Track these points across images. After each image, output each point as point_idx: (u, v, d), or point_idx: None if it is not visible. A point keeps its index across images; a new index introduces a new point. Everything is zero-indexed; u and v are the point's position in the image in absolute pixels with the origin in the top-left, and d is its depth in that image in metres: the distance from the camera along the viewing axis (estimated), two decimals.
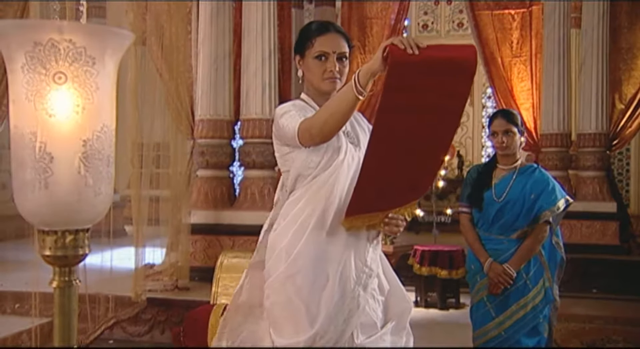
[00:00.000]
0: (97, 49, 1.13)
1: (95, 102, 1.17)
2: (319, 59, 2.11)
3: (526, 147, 6.90)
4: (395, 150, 1.85)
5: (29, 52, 1.08)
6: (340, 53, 2.11)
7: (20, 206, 1.22)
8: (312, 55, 2.12)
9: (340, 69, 2.12)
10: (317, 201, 2.04)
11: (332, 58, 2.10)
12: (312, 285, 2.00)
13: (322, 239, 2.02)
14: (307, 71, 2.17)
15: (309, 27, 2.20)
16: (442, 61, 1.71)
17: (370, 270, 2.07)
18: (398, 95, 1.73)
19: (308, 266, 2.00)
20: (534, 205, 3.29)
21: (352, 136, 2.17)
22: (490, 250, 3.35)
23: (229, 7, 5.93)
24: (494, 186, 3.38)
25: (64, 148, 1.16)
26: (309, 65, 2.15)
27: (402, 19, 7.36)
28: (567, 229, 6.39)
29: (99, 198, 1.25)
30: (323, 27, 2.17)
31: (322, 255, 2.02)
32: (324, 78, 2.11)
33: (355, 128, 2.21)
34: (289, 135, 2.03)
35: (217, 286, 3.82)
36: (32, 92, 1.11)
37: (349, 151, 2.10)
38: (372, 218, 2.01)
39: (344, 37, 2.16)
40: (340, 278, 2.01)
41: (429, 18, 11.79)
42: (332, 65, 2.10)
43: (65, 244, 1.26)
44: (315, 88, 2.17)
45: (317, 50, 2.11)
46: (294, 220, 2.06)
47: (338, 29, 2.18)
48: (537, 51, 7.28)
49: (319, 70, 2.12)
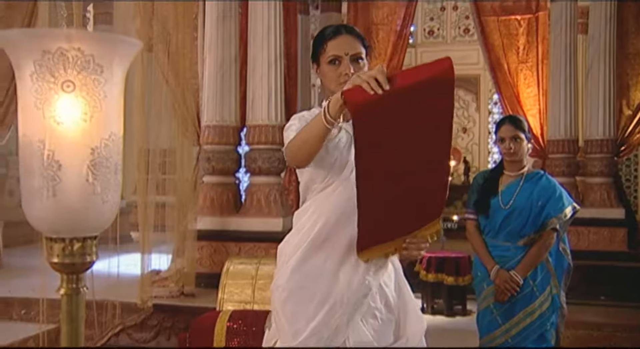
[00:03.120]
0: (105, 57, 1.13)
1: (104, 110, 1.17)
2: (333, 63, 2.07)
3: (533, 153, 6.87)
4: (387, 182, 1.77)
5: (38, 61, 1.08)
6: (354, 54, 2.06)
7: (28, 213, 1.22)
8: (325, 60, 2.08)
9: (355, 71, 2.03)
10: (319, 215, 1.99)
11: (346, 61, 2.04)
12: (299, 299, 1.95)
13: (317, 253, 1.97)
14: (323, 77, 2.12)
15: (321, 32, 2.15)
16: (414, 87, 1.61)
17: (368, 287, 1.96)
18: (372, 135, 1.65)
19: (297, 279, 1.97)
20: (541, 212, 3.29)
21: None
22: (497, 257, 3.34)
23: (235, 13, 5.94)
24: (501, 193, 3.37)
25: (72, 156, 1.16)
26: (324, 71, 2.11)
27: (408, 25, 7.36)
28: (574, 236, 6.36)
29: (107, 205, 1.25)
30: (334, 30, 2.11)
31: (314, 269, 1.96)
32: (340, 82, 2.03)
33: None
34: None
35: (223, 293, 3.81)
36: (40, 100, 1.11)
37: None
38: (388, 246, 1.92)
39: (358, 37, 2.10)
40: (331, 294, 1.94)
41: (435, 24, 11.80)
42: (346, 68, 2.04)
43: (73, 251, 1.26)
44: (333, 94, 2.06)
45: (330, 55, 2.07)
46: (298, 231, 2.05)
47: (350, 31, 2.11)
48: (543, 57, 7.26)
49: (334, 74, 2.07)
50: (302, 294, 1.95)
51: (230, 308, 3.71)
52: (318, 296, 1.93)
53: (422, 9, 11.47)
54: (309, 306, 1.93)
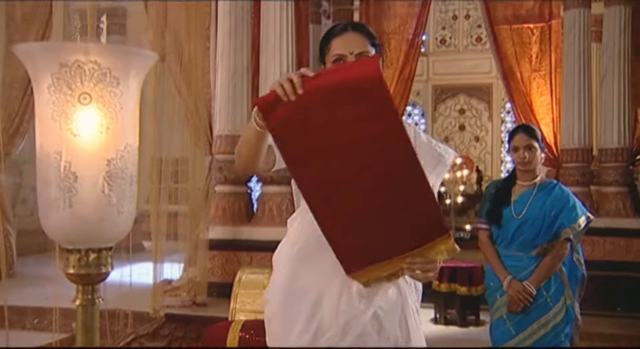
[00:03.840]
0: (121, 69, 1.14)
1: (119, 121, 1.18)
2: (338, 63, 1.90)
3: (546, 162, 6.83)
4: (345, 199, 1.59)
5: (55, 74, 1.09)
6: (359, 53, 1.88)
7: (44, 224, 1.23)
8: (330, 60, 1.92)
9: None
10: (304, 226, 1.85)
11: (351, 59, 1.87)
12: (283, 320, 1.83)
13: (305, 267, 1.81)
14: None
15: (328, 30, 2.01)
16: (335, 90, 1.45)
17: (357, 312, 1.76)
18: (294, 147, 1.51)
19: (282, 299, 1.84)
20: (554, 222, 3.26)
21: None
22: (510, 267, 3.32)
23: (248, 24, 5.97)
24: (513, 202, 3.35)
25: (89, 168, 1.17)
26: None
27: (420, 34, 7.37)
28: (589, 246, 6.30)
29: (122, 216, 1.26)
30: (341, 28, 1.95)
31: (300, 287, 1.81)
32: None
33: None
34: None
35: (235, 303, 3.82)
36: (57, 113, 1.12)
37: None
38: (383, 267, 1.69)
39: (366, 35, 1.93)
40: (315, 317, 1.78)
41: (447, 33, 11.80)
42: None
43: (88, 262, 1.27)
44: None
45: (334, 54, 1.91)
46: (287, 239, 1.95)
47: (357, 28, 1.94)
48: (556, 65, 7.23)
49: None
50: (286, 315, 1.82)
51: (242, 318, 3.71)
52: (303, 317, 1.78)
53: (434, 18, 11.48)
54: (292, 329, 1.79)
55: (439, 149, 1.97)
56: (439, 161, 1.94)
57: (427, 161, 1.86)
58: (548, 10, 7.25)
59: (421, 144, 1.93)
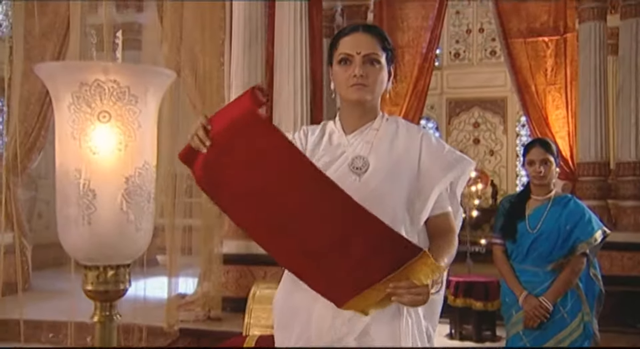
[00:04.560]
0: (140, 88, 1.15)
1: (138, 139, 1.19)
2: (344, 63, 1.79)
3: (562, 176, 6.78)
4: (290, 240, 1.56)
5: (76, 92, 1.11)
6: (367, 55, 1.77)
7: (63, 241, 1.24)
8: (336, 59, 1.82)
9: (369, 74, 1.77)
10: None
11: (357, 60, 1.76)
12: (281, 336, 1.80)
13: (294, 286, 1.74)
14: (334, 80, 1.85)
15: (339, 31, 1.90)
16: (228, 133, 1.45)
17: (340, 333, 1.69)
18: (223, 191, 1.53)
19: (280, 318, 1.82)
20: (570, 236, 3.23)
21: (359, 161, 1.80)
22: (525, 283, 3.28)
23: (262, 39, 6.01)
24: (528, 217, 3.32)
25: (107, 185, 1.18)
26: (334, 71, 1.84)
27: (434, 48, 7.39)
28: (607, 260, 6.22)
29: (140, 233, 1.26)
30: (350, 28, 1.86)
31: (295, 304, 1.77)
32: (349, 84, 1.78)
33: (368, 148, 1.82)
34: None
35: (249, 317, 3.80)
36: (77, 130, 1.13)
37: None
38: (369, 296, 1.60)
39: (377, 37, 1.81)
40: (302, 334, 1.73)
41: (461, 46, 11.79)
42: (355, 69, 1.76)
43: (106, 279, 1.27)
44: (342, 99, 1.86)
45: (340, 53, 1.80)
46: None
47: (368, 29, 1.84)
48: (572, 78, 7.19)
49: (343, 75, 1.79)
50: (280, 334, 1.80)
51: (256, 333, 3.69)
52: (293, 337, 1.74)
53: (448, 32, 11.48)
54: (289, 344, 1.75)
55: (454, 155, 1.84)
56: (453, 167, 1.82)
57: (438, 165, 1.80)
58: (563, 23, 7.23)
59: (430, 148, 1.83)
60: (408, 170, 1.79)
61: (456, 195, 1.90)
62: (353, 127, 1.85)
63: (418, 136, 1.85)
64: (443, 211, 1.85)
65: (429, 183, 1.79)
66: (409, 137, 1.85)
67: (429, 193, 1.79)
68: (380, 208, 1.63)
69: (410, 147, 1.83)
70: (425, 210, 1.80)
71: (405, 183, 1.77)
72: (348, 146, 1.83)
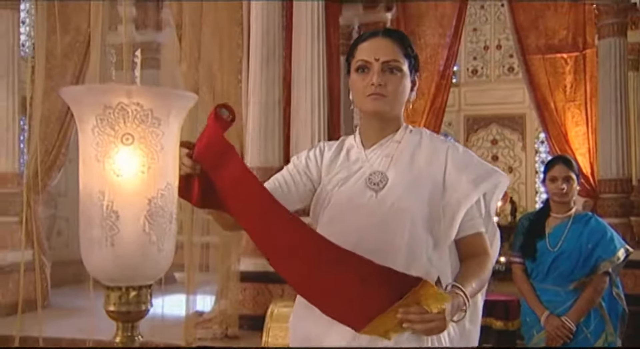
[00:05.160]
0: (162, 110, 1.16)
1: (160, 161, 1.20)
2: (361, 71, 1.65)
3: (583, 193, 6.71)
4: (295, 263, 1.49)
5: (100, 115, 1.12)
6: (387, 62, 1.62)
7: (87, 263, 1.24)
8: (353, 67, 1.68)
9: (388, 83, 1.62)
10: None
11: (376, 68, 1.62)
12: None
13: (305, 312, 1.63)
14: (351, 89, 1.71)
15: (357, 37, 1.78)
16: (202, 161, 1.47)
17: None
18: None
19: (291, 340, 1.75)
20: (592, 255, 3.20)
21: (377, 176, 1.67)
22: (546, 302, 3.24)
23: (279, 57, 6.05)
24: (548, 235, 3.29)
25: (130, 207, 1.19)
26: (351, 80, 1.70)
27: (451, 65, 7.40)
28: (630, 279, 6.11)
29: (162, 254, 1.27)
30: (370, 33, 1.72)
31: (300, 332, 1.69)
32: (365, 94, 1.64)
33: (387, 162, 1.69)
34: None
35: (267, 336, 3.79)
36: (101, 153, 1.15)
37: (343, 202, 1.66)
38: (385, 320, 1.47)
39: (399, 42, 1.66)
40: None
41: (479, 63, 11.77)
42: (373, 77, 1.62)
43: (128, 300, 1.28)
44: (360, 110, 1.72)
45: (357, 60, 1.67)
46: None
47: (388, 33, 1.69)
48: (592, 95, 7.14)
49: (360, 84, 1.65)
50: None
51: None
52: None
53: (465, 49, 11.47)
54: None
55: (485, 167, 1.69)
56: (483, 180, 1.65)
57: (465, 178, 1.64)
58: (582, 39, 7.19)
59: (456, 160, 1.67)
60: (431, 185, 1.63)
61: (490, 213, 1.73)
62: (373, 140, 1.72)
63: (444, 148, 1.70)
64: (475, 232, 1.68)
65: (456, 198, 1.63)
66: (433, 148, 1.70)
67: (456, 210, 1.62)
68: (398, 228, 1.57)
69: (434, 159, 1.67)
70: (452, 229, 1.64)
71: (428, 200, 1.61)
72: (366, 161, 1.70)
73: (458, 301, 1.50)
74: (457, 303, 1.49)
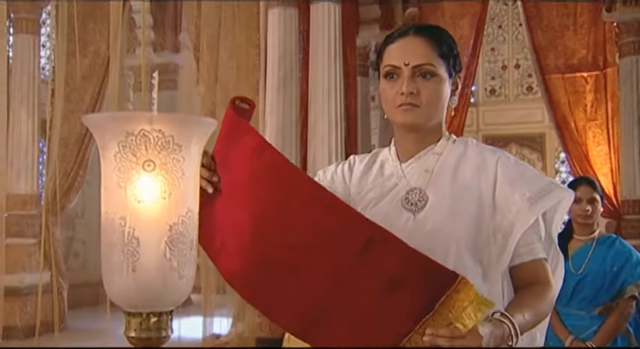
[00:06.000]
0: (184, 137, 1.17)
1: (181, 187, 1.20)
2: (391, 78, 1.45)
3: (606, 214, 6.60)
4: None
5: (122, 142, 1.12)
6: (417, 66, 1.41)
7: (108, 289, 1.25)
8: (382, 73, 1.48)
9: (420, 90, 1.41)
10: None
11: (406, 74, 1.41)
12: None
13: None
14: (382, 98, 1.51)
15: (388, 35, 1.56)
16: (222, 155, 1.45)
17: None
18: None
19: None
20: (617, 278, 3.14)
21: (414, 195, 1.46)
22: (570, 326, 3.18)
23: (296, 77, 6.09)
24: (571, 257, 3.24)
25: (151, 233, 1.19)
26: (381, 88, 1.50)
27: (469, 84, 7.38)
28: None
29: (183, 280, 1.27)
30: (401, 30, 1.50)
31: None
32: (395, 105, 1.44)
33: (427, 178, 1.47)
34: None
35: None
36: (123, 179, 1.15)
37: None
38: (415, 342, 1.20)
39: (433, 40, 1.44)
40: None
41: (497, 83, 11.73)
42: (403, 85, 1.41)
43: (149, 326, 1.27)
44: (391, 121, 1.52)
45: (385, 65, 1.47)
46: None
47: (420, 30, 1.46)
48: (613, 114, 7.02)
49: (390, 92, 1.45)
50: None
51: None
52: None
53: (483, 68, 11.44)
54: None
55: (543, 181, 1.45)
56: (541, 196, 1.40)
57: (520, 195, 1.40)
58: (602, 58, 7.10)
59: (508, 174, 1.43)
60: (478, 205, 1.41)
61: (552, 236, 1.51)
62: (410, 153, 1.50)
63: (493, 159, 1.46)
64: (534, 258, 1.45)
65: (509, 220, 1.40)
66: (481, 161, 1.47)
67: (509, 232, 1.39)
68: (440, 255, 1.31)
69: (481, 173, 1.45)
70: (505, 255, 1.41)
71: (475, 222, 1.40)
72: (402, 177, 1.49)
73: (502, 331, 1.24)
74: (500, 333, 1.23)
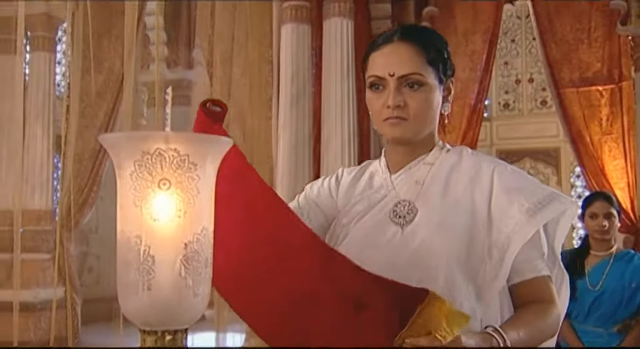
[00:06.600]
0: (199, 155, 1.17)
1: (196, 205, 1.20)
2: (376, 88, 1.36)
3: (623, 228, 6.52)
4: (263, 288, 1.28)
5: (138, 161, 1.13)
6: (404, 76, 1.31)
7: (124, 307, 1.25)
8: (367, 84, 1.39)
9: (407, 101, 1.32)
10: None
11: (391, 85, 1.32)
12: None
13: None
14: (369, 110, 1.42)
15: (371, 41, 1.44)
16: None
17: None
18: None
19: None
20: (636, 295, 3.11)
21: (403, 207, 1.36)
22: (588, 344, 3.15)
23: (309, 93, 6.11)
24: (588, 273, 3.22)
25: (167, 251, 1.19)
26: (367, 99, 1.40)
27: (483, 99, 7.35)
28: None
29: (198, 299, 1.27)
30: (385, 36, 1.38)
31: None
32: (382, 118, 1.35)
33: (417, 189, 1.38)
34: None
35: None
36: (139, 198, 1.15)
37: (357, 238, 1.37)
38: None
39: (420, 46, 1.33)
40: None
41: (511, 97, 11.70)
42: (389, 99, 1.32)
43: (164, 344, 1.28)
44: (382, 135, 1.44)
45: (369, 75, 1.37)
46: None
47: (405, 35, 1.35)
48: (629, 127, 6.94)
49: (376, 104, 1.36)
50: None
51: None
52: None
53: (497, 82, 11.42)
54: None
55: (544, 191, 1.33)
56: (542, 207, 1.28)
57: (518, 206, 1.29)
58: (617, 72, 7.05)
59: (505, 184, 1.33)
60: (471, 218, 1.31)
61: (555, 251, 1.38)
62: (400, 164, 1.42)
63: (488, 170, 1.36)
64: (536, 275, 1.32)
65: (505, 234, 1.28)
66: (475, 171, 1.37)
67: (506, 246, 1.28)
68: (429, 272, 1.25)
69: (475, 184, 1.35)
70: (502, 273, 1.28)
71: (467, 237, 1.29)
72: (391, 189, 1.40)
73: (490, 345, 1.14)
74: (488, 345, 1.14)
